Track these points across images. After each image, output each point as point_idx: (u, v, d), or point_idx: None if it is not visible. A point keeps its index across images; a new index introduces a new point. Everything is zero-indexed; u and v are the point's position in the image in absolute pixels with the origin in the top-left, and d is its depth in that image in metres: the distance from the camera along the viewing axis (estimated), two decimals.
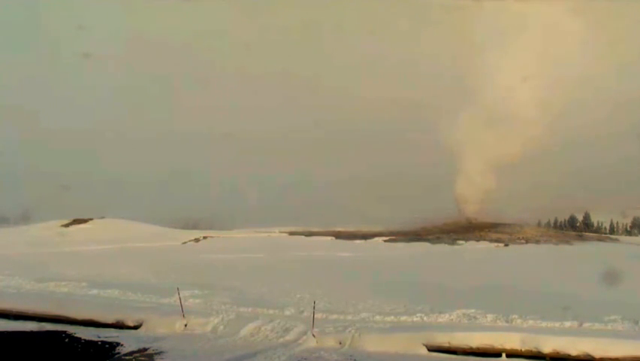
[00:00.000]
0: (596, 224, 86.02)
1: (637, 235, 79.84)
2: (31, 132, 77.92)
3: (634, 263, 30.46)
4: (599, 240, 65.32)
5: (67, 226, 51.75)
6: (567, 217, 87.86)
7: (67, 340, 11.09)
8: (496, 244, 54.93)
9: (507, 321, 11.87)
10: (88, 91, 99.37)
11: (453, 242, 55.51)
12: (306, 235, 58.90)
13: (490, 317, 12.19)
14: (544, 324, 11.50)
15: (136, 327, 12.07)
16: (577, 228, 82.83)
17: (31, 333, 11.74)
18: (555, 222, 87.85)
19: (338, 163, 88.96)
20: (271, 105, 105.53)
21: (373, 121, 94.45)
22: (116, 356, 10.02)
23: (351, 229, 64.47)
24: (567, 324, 11.44)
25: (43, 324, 12.34)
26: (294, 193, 75.83)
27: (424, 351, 10.55)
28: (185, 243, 47.66)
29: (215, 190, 76.09)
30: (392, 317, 12.61)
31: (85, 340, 11.03)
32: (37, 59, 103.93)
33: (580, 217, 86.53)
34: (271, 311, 13.15)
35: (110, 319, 12.39)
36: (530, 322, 11.67)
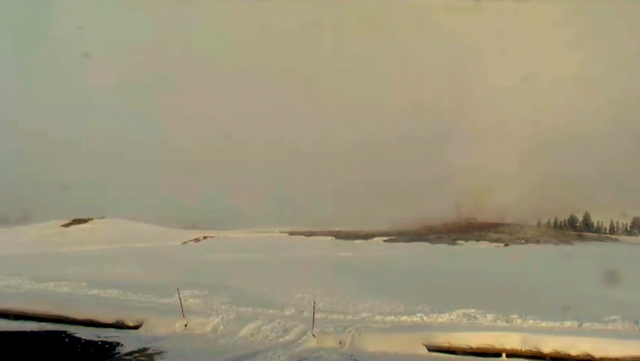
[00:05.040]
0: (596, 224, 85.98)
1: (637, 235, 79.82)
2: (31, 132, 77.91)
3: (634, 263, 30.49)
4: (599, 240, 65.38)
5: (67, 225, 51.79)
6: (567, 217, 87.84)
7: (67, 340, 11.09)
8: (496, 244, 55.03)
9: (507, 321, 11.86)
10: (87, 91, 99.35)
11: (453, 242, 55.60)
12: (306, 235, 58.96)
13: (490, 316, 12.17)
14: (544, 324, 11.50)
15: (136, 327, 12.06)
16: (577, 228, 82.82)
17: (31, 333, 11.74)
18: (555, 222, 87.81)
19: (338, 163, 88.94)
20: (271, 105, 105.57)
21: (373, 121, 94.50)
22: (116, 356, 10.02)
23: (351, 229, 64.51)
24: (567, 324, 11.43)
25: (43, 324, 12.34)
26: (294, 193, 75.80)
27: (424, 351, 10.55)
28: (185, 243, 47.71)
29: (215, 190, 76.05)
30: (392, 317, 12.60)
31: (85, 340, 11.03)
32: (37, 59, 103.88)
33: (580, 217, 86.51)
34: (271, 311, 13.15)
35: (110, 319, 12.39)
36: (530, 322, 11.66)
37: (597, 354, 9.82)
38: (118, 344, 10.68)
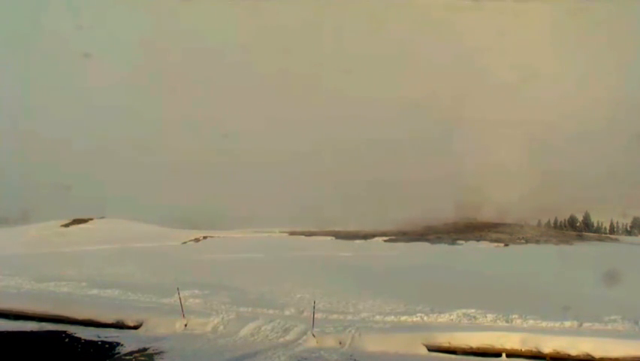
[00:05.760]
0: (596, 224, 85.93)
1: (637, 235, 79.77)
2: (31, 132, 77.86)
3: (634, 263, 30.49)
4: (599, 240, 65.31)
5: (67, 226, 51.75)
6: (567, 217, 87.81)
7: (67, 340, 11.09)
8: (496, 244, 54.97)
9: (507, 321, 11.86)
10: (87, 91, 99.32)
11: (453, 242, 55.53)
12: (306, 235, 58.91)
13: (490, 316, 12.17)
14: (544, 324, 11.50)
15: (136, 327, 12.07)
16: (577, 228, 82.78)
17: (31, 333, 11.75)
18: (555, 222, 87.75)
19: (337, 163, 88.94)
20: (271, 105, 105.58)
21: (372, 121, 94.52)
22: (116, 356, 10.03)
23: (351, 229, 64.47)
24: (567, 324, 11.44)
25: (43, 324, 12.34)
26: (294, 193, 75.79)
27: (424, 351, 10.55)
28: (185, 243, 47.68)
29: (215, 190, 76.00)
30: (392, 317, 12.60)
31: (85, 340, 11.03)
32: (37, 58, 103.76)
33: (580, 217, 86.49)
34: (271, 311, 13.15)
35: (110, 319, 12.40)
36: (530, 322, 11.66)
37: (597, 354, 9.82)
38: (118, 344, 10.69)
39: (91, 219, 55.18)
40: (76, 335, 11.35)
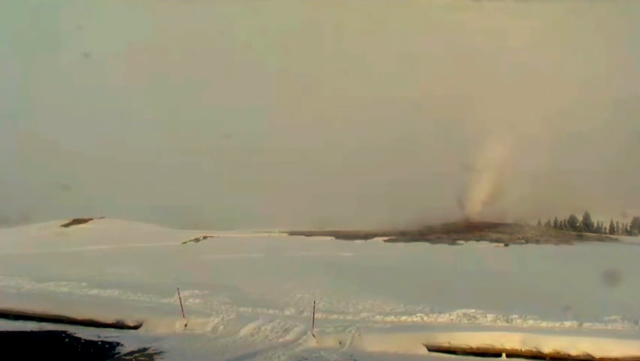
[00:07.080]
0: (596, 224, 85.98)
1: (637, 235, 79.80)
2: (31, 132, 77.90)
3: (634, 263, 30.51)
4: (599, 240, 65.40)
5: (67, 226, 51.81)
6: (567, 217, 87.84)
7: (67, 340, 11.09)
8: (496, 244, 55.06)
9: (507, 321, 11.85)
10: (87, 91, 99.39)
11: (453, 242, 55.60)
12: (306, 235, 58.91)
13: (490, 316, 12.16)
14: (544, 324, 11.49)
15: (136, 327, 12.06)
16: (577, 228, 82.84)
17: (31, 333, 11.74)
18: (555, 222, 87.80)
19: (337, 163, 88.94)
20: (271, 106, 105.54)
21: (372, 121, 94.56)
22: (116, 356, 10.03)
23: (351, 229, 64.48)
24: (567, 324, 11.43)
25: (43, 324, 12.33)
26: (294, 193, 75.79)
27: (424, 351, 10.55)
28: (185, 243, 47.69)
29: (215, 190, 76.00)
30: (392, 317, 12.60)
31: (85, 340, 11.03)
32: (37, 58, 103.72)
33: (580, 217, 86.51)
34: (271, 311, 13.14)
35: (110, 319, 12.39)
36: (530, 322, 11.65)
37: (597, 354, 9.81)
38: (118, 344, 10.68)
39: (91, 219, 55.25)
40: (76, 335, 11.34)
